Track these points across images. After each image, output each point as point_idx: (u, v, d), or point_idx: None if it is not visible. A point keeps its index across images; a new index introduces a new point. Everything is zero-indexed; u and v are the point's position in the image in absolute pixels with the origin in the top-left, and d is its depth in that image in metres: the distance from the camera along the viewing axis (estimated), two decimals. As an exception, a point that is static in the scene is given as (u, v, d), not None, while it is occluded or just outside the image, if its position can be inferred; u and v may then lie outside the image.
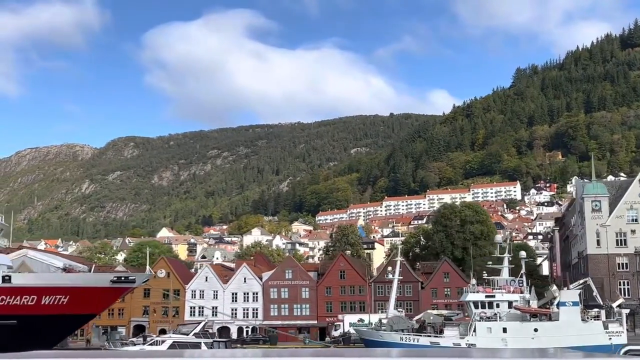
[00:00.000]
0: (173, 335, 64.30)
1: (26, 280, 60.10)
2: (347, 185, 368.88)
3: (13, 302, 58.19)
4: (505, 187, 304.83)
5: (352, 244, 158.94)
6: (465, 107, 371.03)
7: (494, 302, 58.27)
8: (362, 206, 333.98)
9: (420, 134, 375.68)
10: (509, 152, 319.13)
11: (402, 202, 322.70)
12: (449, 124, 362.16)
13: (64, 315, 59.65)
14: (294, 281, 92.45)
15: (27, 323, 57.73)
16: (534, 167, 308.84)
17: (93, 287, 60.31)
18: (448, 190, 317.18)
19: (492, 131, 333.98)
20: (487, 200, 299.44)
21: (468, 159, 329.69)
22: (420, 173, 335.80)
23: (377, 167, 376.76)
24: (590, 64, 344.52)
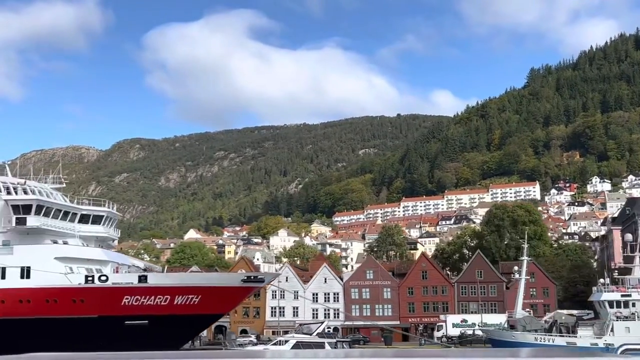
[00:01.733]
0: (296, 335, 63.68)
1: (161, 280, 59.62)
2: (362, 186, 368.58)
3: (147, 302, 57.69)
4: (525, 187, 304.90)
5: (398, 244, 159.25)
6: (480, 107, 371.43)
7: (630, 301, 58.05)
8: (379, 207, 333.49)
9: (435, 135, 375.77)
10: (526, 152, 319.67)
11: (420, 202, 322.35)
12: (464, 124, 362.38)
13: (194, 316, 59.20)
14: (375, 281, 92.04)
15: (158, 323, 57.17)
16: (552, 167, 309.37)
17: (224, 287, 59.84)
18: (466, 191, 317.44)
19: (508, 131, 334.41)
20: (506, 201, 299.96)
21: (485, 159, 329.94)
22: (437, 174, 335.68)
23: (391, 167, 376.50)
24: (605, 64, 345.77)
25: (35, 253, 56.78)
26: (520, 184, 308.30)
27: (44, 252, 57.16)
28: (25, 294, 55.87)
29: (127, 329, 56.65)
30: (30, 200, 57.02)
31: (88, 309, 56.49)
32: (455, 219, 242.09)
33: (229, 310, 68.11)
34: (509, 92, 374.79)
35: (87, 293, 56.44)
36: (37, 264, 56.11)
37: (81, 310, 56.48)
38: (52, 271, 55.81)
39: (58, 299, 56.13)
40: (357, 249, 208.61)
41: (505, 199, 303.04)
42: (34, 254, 56.70)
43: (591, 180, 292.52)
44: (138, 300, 57.46)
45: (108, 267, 62.00)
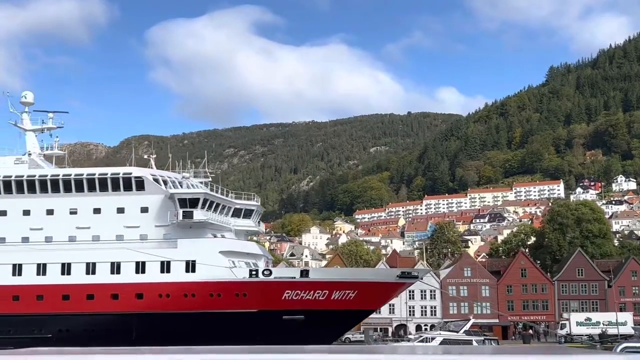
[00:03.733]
0: (443, 333, 63.37)
1: (321, 275, 59.26)
2: (381, 184, 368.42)
3: (306, 297, 57.29)
4: (549, 185, 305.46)
5: (452, 241, 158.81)
6: (499, 105, 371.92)
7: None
8: (400, 205, 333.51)
9: (453, 133, 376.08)
10: (548, 151, 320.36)
11: (442, 200, 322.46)
12: (483, 122, 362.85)
13: (348, 311, 58.78)
14: (474, 279, 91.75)
15: (314, 318, 56.78)
16: (575, 165, 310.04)
17: (380, 283, 59.47)
18: (489, 189, 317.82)
19: (529, 130, 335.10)
20: (530, 199, 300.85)
21: (507, 158, 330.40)
22: (458, 172, 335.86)
23: (409, 165, 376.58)
24: (625, 62, 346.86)
25: (200, 247, 56.21)
26: (543, 182, 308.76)
27: (209, 246, 56.62)
28: (191, 288, 55.32)
29: (284, 323, 56.27)
30: (198, 194, 56.45)
31: (249, 303, 56.04)
32: (489, 217, 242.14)
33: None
34: (528, 90, 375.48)
35: (250, 287, 55.96)
36: (202, 258, 55.56)
37: (243, 304, 56.02)
38: (217, 265, 55.31)
39: (222, 293, 55.64)
40: (397, 246, 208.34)
41: (529, 198, 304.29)
42: (198, 247, 56.14)
43: (616, 179, 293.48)
44: (298, 294, 57.03)
45: (262, 260, 61.67)
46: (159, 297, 55.23)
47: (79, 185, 58.06)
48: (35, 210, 57.72)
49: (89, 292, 55.23)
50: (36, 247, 56.17)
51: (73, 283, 55.29)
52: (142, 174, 58.82)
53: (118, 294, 55.22)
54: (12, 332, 54.69)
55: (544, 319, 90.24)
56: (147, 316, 54.62)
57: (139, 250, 55.75)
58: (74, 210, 57.78)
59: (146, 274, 55.67)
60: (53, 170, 60.60)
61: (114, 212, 57.66)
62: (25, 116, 64.23)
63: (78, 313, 54.85)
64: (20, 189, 58.11)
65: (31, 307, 55.02)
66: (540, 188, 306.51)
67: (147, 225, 57.63)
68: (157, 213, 57.82)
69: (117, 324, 53.95)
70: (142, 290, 55.32)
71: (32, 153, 62.47)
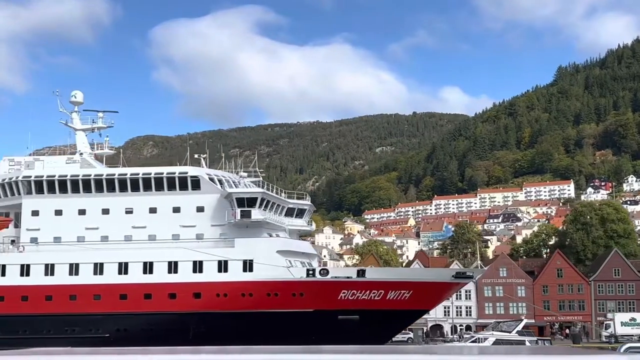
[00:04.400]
0: (495, 333, 63.18)
1: (377, 275, 59.05)
2: (389, 184, 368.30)
3: (361, 297, 57.09)
4: (559, 185, 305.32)
5: (473, 241, 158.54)
6: (507, 105, 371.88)
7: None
8: (410, 205, 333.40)
9: (461, 133, 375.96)
10: (558, 151, 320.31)
11: (452, 201, 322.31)
12: (492, 122, 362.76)
13: (403, 311, 58.58)
14: (509, 279, 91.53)
15: (369, 318, 56.61)
16: (586, 165, 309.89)
17: (435, 283, 59.28)
18: (499, 189, 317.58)
19: (538, 130, 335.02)
20: (540, 199, 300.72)
21: (517, 158, 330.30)
22: (468, 172, 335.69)
23: (417, 165, 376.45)
24: (634, 62, 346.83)
25: (257, 246, 56.03)
26: (554, 182, 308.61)
27: (266, 245, 56.44)
28: (248, 287, 55.12)
29: (338, 323, 56.08)
30: (257, 194, 56.28)
31: (305, 303, 55.84)
32: (503, 217, 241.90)
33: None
34: (536, 90, 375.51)
35: (307, 287, 55.75)
36: (259, 258, 55.38)
37: (299, 304, 55.83)
38: (274, 264, 55.13)
39: (279, 293, 55.47)
40: (412, 246, 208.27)
41: (540, 198, 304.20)
42: (256, 247, 55.96)
43: (627, 179, 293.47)
44: (354, 294, 56.83)
45: (315, 260, 61.55)
46: (216, 297, 55.05)
47: (134, 184, 57.92)
48: (91, 209, 57.57)
49: (147, 292, 55.06)
50: (93, 247, 56.00)
51: (130, 282, 55.11)
52: (198, 173, 58.69)
53: (176, 294, 55.05)
54: (69, 331, 54.56)
55: (580, 319, 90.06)
56: (205, 315, 54.48)
57: (196, 249, 55.58)
58: (130, 210, 57.64)
59: (203, 273, 55.53)
60: (108, 169, 60.50)
61: (169, 212, 57.51)
62: (75, 115, 64.12)
63: (136, 312, 54.67)
64: (75, 188, 57.95)
65: (88, 307, 54.84)
66: (550, 188, 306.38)
67: (203, 224, 57.47)
68: (213, 212, 57.67)
69: (175, 323, 53.77)
70: (199, 289, 55.16)
71: (83, 152, 62.27)
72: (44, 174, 58.21)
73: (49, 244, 57.05)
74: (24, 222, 57.74)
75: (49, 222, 57.35)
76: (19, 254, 56.31)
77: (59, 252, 56.14)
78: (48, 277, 55.50)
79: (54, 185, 57.82)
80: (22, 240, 57.40)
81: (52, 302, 55.10)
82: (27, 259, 55.85)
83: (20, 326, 54.69)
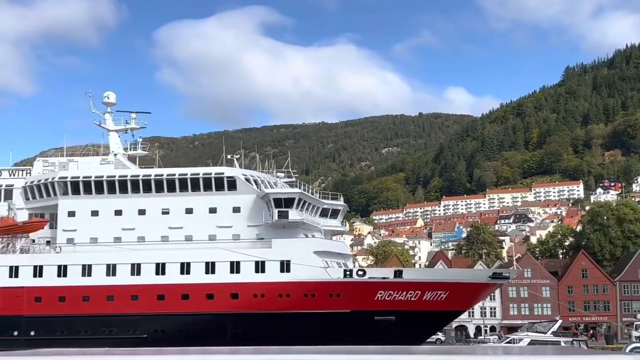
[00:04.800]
0: (530, 334, 62.92)
1: (414, 276, 58.93)
2: (397, 185, 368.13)
3: (398, 298, 56.95)
4: (568, 186, 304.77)
5: (489, 242, 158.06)
6: (515, 105, 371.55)
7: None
8: (418, 206, 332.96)
9: (469, 133, 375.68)
10: (566, 151, 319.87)
11: (461, 201, 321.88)
12: (500, 122, 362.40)
13: (439, 312, 58.42)
14: (534, 280, 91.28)
15: (405, 319, 56.43)
16: (595, 166, 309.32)
17: (472, 283, 59.12)
18: (508, 190, 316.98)
19: (546, 130, 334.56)
20: (550, 200, 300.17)
21: (525, 158, 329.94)
22: (476, 172, 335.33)
23: (425, 166, 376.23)
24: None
25: (295, 247, 55.92)
26: (563, 182, 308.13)
27: (304, 246, 56.32)
28: (285, 288, 55.02)
29: (374, 324, 55.93)
30: (294, 194, 56.18)
31: (342, 303, 55.74)
32: (514, 218, 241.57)
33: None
34: (544, 90, 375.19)
35: (344, 287, 55.64)
36: (297, 258, 55.26)
37: (336, 305, 55.72)
38: (312, 265, 55.00)
39: (316, 293, 55.36)
40: (425, 247, 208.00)
41: (549, 198, 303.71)
42: (293, 247, 55.85)
43: (636, 179, 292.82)
44: (391, 295, 56.69)
45: (350, 260, 61.44)
46: (253, 297, 54.95)
47: (171, 185, 57.89)
48: (127, 210, 57.52)
49: (184, 292, 55.00)
50: (130, 247, 55.93)
51: (168, 283, 55.03)
52: (234, 173, 58.64)
53: (213, 294, 54.97)
54: (107, 332, 54.51)
55: (605, 319, 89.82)
56: (242, 316, 54.39)
57: (233, 250, 55.46)
58: (166, 210, 57.58)
59: (241, 274, 55.43)
60: (144, 170, 60.51)
61: (206, 212, 57.43)
62: (108, 116, 64.12)
63: (173, 313, 54.61)
64: (112, 189, 57.91)
65: (126, 308, 54.81)
66: (559, 189, 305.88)
67: (239, 225, 57.39)
68: (249, 213, 57.58)
69: (212, 323, 53.67)
70: (237, 290, 55.08)
71: (117, 153, 62.23)
72: (80, 175, 58.17)
73: (85, 244, 56.98)
74: (60, 222, 57.70)
75: (85, 222, 57.31)
76: (56, 255, 56.27)
77: (96, 253, 56.11)
78: (85, 278, 55.47)
79: (91, 185, 57.78)
80: (59, 241, 57.35)
81: (90, 303, 55.09)
82: (65, 259, 55.82)
83: (57, 327, 54.68)
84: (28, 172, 61.08)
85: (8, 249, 56.84)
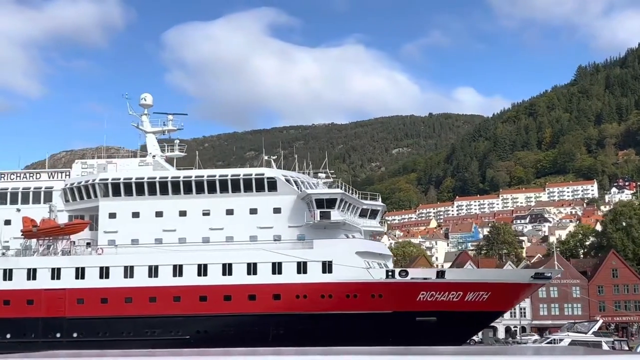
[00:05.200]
0: (571, 334, 62.51)
1: (457, 276, 58.63)
2: (409, 185, 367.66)
3: (440, 299, 56.67)
4: (582, 185, 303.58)
5: (509, 242, 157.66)
6: (527, 105, 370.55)
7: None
8: (431, 206, 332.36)
9: (481, 133, 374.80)
10: (580, 151, 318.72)
11: (474, 202, 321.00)
12: (512, 122, 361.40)
13: (479, 312, 58.12)
14: (564, 280, 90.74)
15: (446, 319, 56.17)
16: (608, 165, 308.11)
17: (514, 284, 58.81)
18: (522, 190, 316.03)
19: (559, 130, 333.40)
20: (564, 200, 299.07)
21: (539, 158, 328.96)
22: (489, 172, 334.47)
23: (437, 166, 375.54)
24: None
25: (336, 247, 55.75)
26: (577, 182, 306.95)
27: (345, 246, 56.16)
28: (328, 288, 54.85)
29: (416, 325, 55.68)
30: (336, 194, 56.04)
31: (384, 304, 55.53)
32: (530, 218, 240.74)
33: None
34: (556, 89, 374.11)
35: (387, 288, 55.42)
36: (339, 259, 55.07)
37: (377, 305, 55.51)
38: (354, 266, 54.81)
39: (358, 294, 55.17)
40: (442, 248, 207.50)
41: (563, 198, 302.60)
42: (335, 248, 55.67)
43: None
44: (433, 296, 56.44)
45: (390, 261, 61.24)
46: (295, 298, 54.81)
47: (211, 186, 57.87)
48: (168, 211, 57.50)
49: (226, 293, 54.92)
50: (171, 249, 55.88)
51: (210, 284, 54.94)
52: (275, 174, 58.50)
53: (255, 295, 54.86)
54: (150, 333, 54.46)
55: (637, 319, 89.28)
56: (284, 317, 54.26)
57: (275, 250, 55.35)
58: (207, 212, 57.53)
59: (283, 274, 55.27)
60: (184, 172, 60.49)
61: (246, 213, 57.35)
62: (145, 118, 64.16)
63: (215, 314, 54.51)
64: (152, 190, 57.89)
65: (168, 309, 54.76)
66: (574, 188, 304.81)
67: (280, 225, 57.28)
68: (289, 213, 57.47)
69: (255, 325, 53.63)
70: (279, 291, 54.94)
71: (155, 155, 62.22)
72: (121, 177, 58.19)
73: (126, 246, 56.97)
74: (101, 224, 57.73)
75: (126, 224, 57.32)
76: (98, 257, 56.28)
77: (137, 254, 56.09)
78: (127, 280, 55.45)
79: (131, 187, 57.78)
80: (100, 243, 57.37)
81: (132, 304, 55.07)
82: (107, 261, 55.83)
83: (100, 328, 54.70)
84: (67, 174, 61.14)
85: (50, 250, 56.89)
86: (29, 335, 54.64)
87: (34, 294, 55.20)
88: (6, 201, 59.80)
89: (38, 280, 55.55)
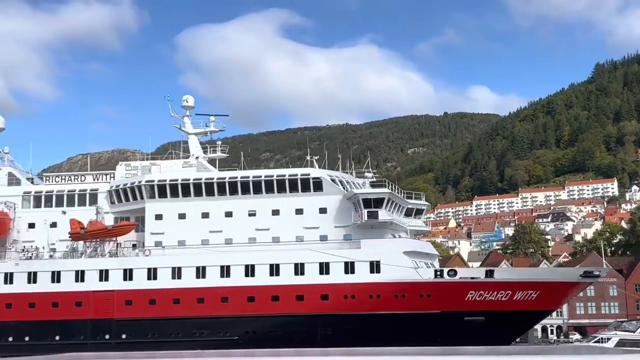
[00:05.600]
0: (619, 333, 61.90)
1: (505, 275, 58.22)
2: (427, 185, 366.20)
3: (489, 298, 56.26)
4: (603, 184, 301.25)
5: (535, 241, 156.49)
6: (545, 103, 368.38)
7: None
8: (450, 206, 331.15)
9: (499, 132, 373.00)
10: (599, 149, 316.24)
11: (493, 201, 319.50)
12: (529, 121, 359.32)
13: (528, 312, 57.65)
14: (601, 278, 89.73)
15: (495, 319, 55.72)
16: (629, 163, 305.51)
17: (563, 282, 58.29)
18: (541, 189, 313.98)
19: (578, 128, 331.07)
20: (584, 198, 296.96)
21: (557, 157, 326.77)
22: (508, 171, 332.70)
23: (454, 166, 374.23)
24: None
25: (384, 247, 55.50)
26: (597, 180, 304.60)
27: (393, 246, 55.89)
28: (375, 288, 54.62)
29: (464, 324, 55.30)
30: (384, 194, 55.79)
31: (432, 304, 55.20)
32: (552, 217, 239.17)
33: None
34: (574, 87, 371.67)
35: (435, 288, 55.08)
36: (386, 259, 54.84)
37: (426, 305, 55.18)
38: (401, 265, 54.50)
39: (407, 294, 54.88)
40: (465, 247, 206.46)
41: (582, 197, 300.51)
42: (383, 248, 55.42)
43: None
44: (481, 295, 56.06)
45: (436, 260, 60.90)
46: (343, 298, 54.63)
47: (257, 187, 57.84)
48: (214, 212, 57.51)
49: (274, 294, 54.82)
50: (218, 249, 55.83)
51: (258, 285, 54.84)
52: (320, 174, 58.40)
53: (303, 295, 54.72)
54: (198, 334, 54.44)
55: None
56: (332, 317, 54.10)
57: (322, 251, 55.16)
58: (253, 212, 57.49)
59: (330, 275, 55.09)
60: (229, 172, 60.52)
61: (292, 213, 57.26)
62: (187, 120, 64.25)
63: (263, 315, 54.42)
64: (198, 191, 57.93)
65: (216, 309, 54.76)
66: (594, 186, 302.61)
67: (326, 226, 57.14)
68: (336, 213, 57.33)
69: (302, 325, 53.47)
70: (327, 291, 54.78)
71: (198, 156, 62.27)
72: (167, 178, 58.24)
73: (173, 247, 57.00)
74: (148, 225, 57.82)
75: (173, 225, 57.39)
76: (146, 258, 56.35)
77: (185, 255, 56.12)
78: (175, 281, 55.48)
79: (177, 189, 57.84)
80: (147, 244, 57.44)
81: (180, 305, 55.10)
82: (154, 262, 55.89)
83: (148, 329, 54.75)
84: (112, 176, 61.28)
85: (97, 252, 57.03)
86: (78, 337, 54.82)
87: (83, 296, 55.37)
88: (52, 204, 60.06)
89: (86, 282, 55.73)
